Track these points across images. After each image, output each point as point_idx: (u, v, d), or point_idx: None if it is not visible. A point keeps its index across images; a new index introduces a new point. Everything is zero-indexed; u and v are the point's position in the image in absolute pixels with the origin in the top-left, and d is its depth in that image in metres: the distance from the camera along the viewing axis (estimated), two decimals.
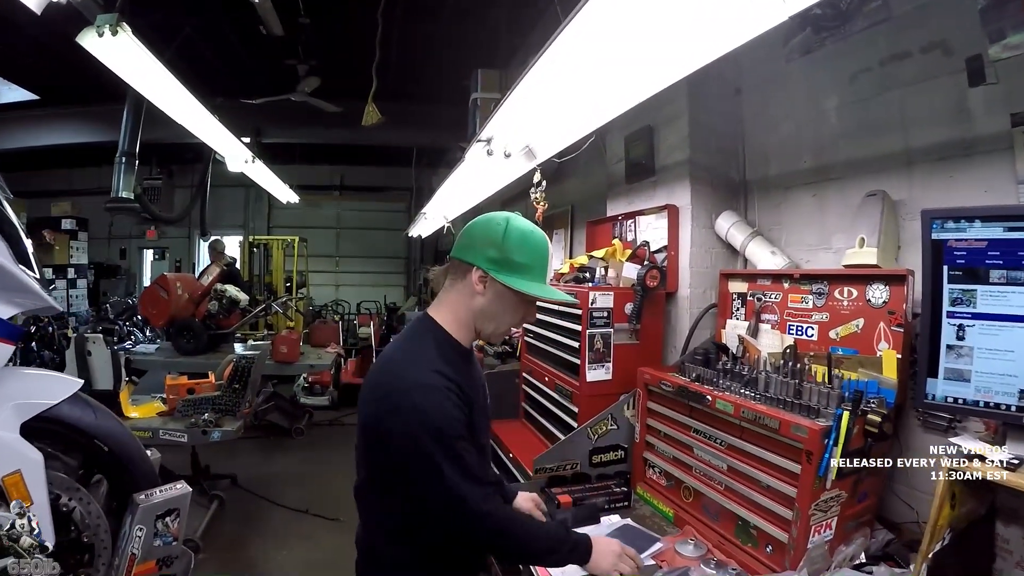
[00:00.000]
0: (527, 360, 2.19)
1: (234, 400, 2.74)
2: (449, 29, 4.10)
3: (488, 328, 0.96)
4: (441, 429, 0.83)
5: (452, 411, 0.85)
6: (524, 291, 0.89)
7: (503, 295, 0.92)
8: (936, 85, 1.31)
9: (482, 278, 0.92)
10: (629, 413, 1.65)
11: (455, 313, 0.96)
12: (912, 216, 1.40)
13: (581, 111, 1.45)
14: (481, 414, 0.97)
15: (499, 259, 0.90)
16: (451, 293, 0.96)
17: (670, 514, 1.48)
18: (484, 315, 0.94)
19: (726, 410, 1.27)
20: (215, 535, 2.89)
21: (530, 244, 0.92)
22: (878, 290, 1.34)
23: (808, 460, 1.07)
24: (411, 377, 0.86)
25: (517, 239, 0.91)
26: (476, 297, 0.93)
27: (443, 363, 0.89)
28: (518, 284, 0.89)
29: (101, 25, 1.77)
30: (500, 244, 0.90)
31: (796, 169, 1.73)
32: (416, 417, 0.83)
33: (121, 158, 3.95)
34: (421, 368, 0.87)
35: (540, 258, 0.93)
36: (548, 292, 0.94)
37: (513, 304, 0.93)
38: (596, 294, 1.71)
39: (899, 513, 1.30)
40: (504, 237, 0.91)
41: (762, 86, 1.86)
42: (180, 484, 1.36)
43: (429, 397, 0.84)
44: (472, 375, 0.99)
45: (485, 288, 0.92)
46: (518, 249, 0.91)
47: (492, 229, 0.92)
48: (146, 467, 1.43)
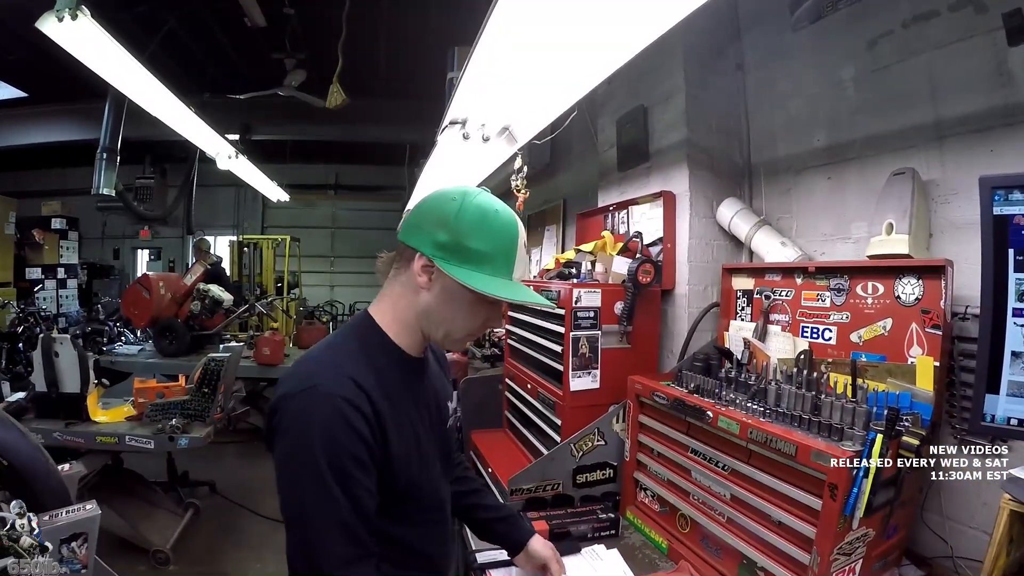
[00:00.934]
0: (510, 365, 2.00)
1: (203, 405, 2.58)
2: (439, 20, 3.94)
3: (437, 333, 0.74)
4: (317, 448, 0.61)
5: (343, 431, 0.62)
6: (476, 288, 0.67)
7: (453, 291, 0.70)
8: (969, 47, 1.16)
9: (426, 268, 0.70)
10: (618, 427, 1.45)
11: (396, 312, 0.75)
12: (944, 198, 1.22)
13: (560, 80, 1.27)
14: (416, 441, 0.73)
15: (449, 244, 0.68)
16: (394, 286, 0.76)
17: (664, 545, 1.28)
18: (430, 316, 0.73)
19: (730, 429, 1.07)
20: (188, 546, 2.75)
21: (491, 226, 0.69)
22: (909, 285, 1.14)
23: (832, 495, 0.87)
24: (312, 378, 0.65)
25: (474, 219, 0.69)
26: (421, 292, 0.72)
27: (365, 370, 0.68)
28: (469, 278, 0.67)
29: (60, 9, 1.70)
30: (451, 225, 0.68)
31: (808, 149, 1.54)
32: (295, 426, 0.63)
33: (102, 154, 3.83)
34: (329, 370, 0.67)
35: (504, 245, 0.70)
36: (510, 290, 0.69)
37: (468, 304, 0.71)
38: (581, 291, 1.51)
39: (930, 547, 1.14)
40: (457, 216, 0.68)
41: (767, 59, 1.70)
42: (90, 504, 1.20)
43: (319, 406, 0.63)
44: (418, 391, 0.77)
45: (431, 281, 0.71)
46: (474, 232, 0.68)
47: (443, 205, 0.70)
48: (53, 483, 1.27)
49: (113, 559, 2.46)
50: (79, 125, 5.22)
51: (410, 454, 0.71)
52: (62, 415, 2.52)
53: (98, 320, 5.34)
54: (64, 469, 1.39)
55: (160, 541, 2.55)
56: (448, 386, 0.90)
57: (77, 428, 2.46)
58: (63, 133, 5.30)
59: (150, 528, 2.65)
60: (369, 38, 4.23)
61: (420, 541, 0.76)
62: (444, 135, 1.73)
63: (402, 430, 0.70)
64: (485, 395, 2.12)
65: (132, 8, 3.77)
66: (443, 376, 0.89)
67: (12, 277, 5.71)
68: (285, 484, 0.64)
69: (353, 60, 3.62)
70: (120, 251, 7.69)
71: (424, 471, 0.75)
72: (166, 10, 3.89)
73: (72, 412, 2.53)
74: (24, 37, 3.89)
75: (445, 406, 0.85)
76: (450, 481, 0.92)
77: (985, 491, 1.06)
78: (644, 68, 1.83)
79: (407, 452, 0.71)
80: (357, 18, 3.45)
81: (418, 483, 0.73)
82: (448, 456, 0.86)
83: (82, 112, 5.07)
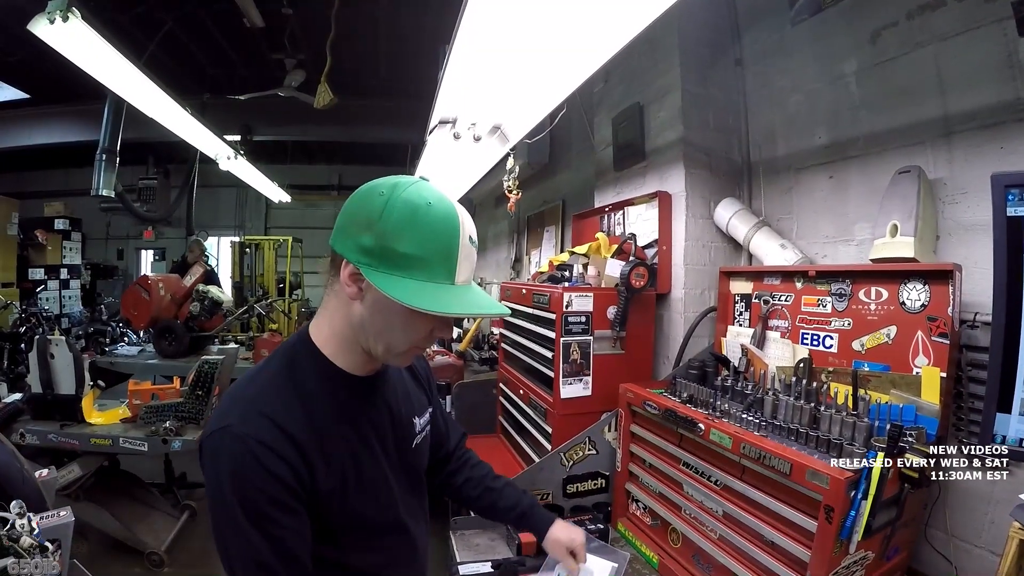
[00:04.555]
0: (504, 369, 1.95)
1: (197, 407, 2.56)
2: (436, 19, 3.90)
3: (377, 347, 0.65)
4: (229, 492, 0.58)
5: (255, 474, 0.58)
6: (403, 301, 0.57)
7: (386, 302, 0.60)
8: (977, 37, 1.11)
9: (354, 276, 0.61)
10: (610, 436, 1.40)
11: (332, 327, 0.67)
12: (952, 198, 1.17)
13: (547, 77, 1.22)
14: (356, 469, 0.67)
15: (375, 248, 0.59)
16: (330, 297, 0.67)
17: (655, 560, 1.23)
18: (366, 329, 0.64)
19: (723, 443, 1.01)
20: (183, 548, 2.73)
21: (423, 224, 0.59)
22: (915, 290, 1.08)
23: (828, 518, 0.81)
24: (224, 418, 0.61)
25: (401, 217, 0.58)
26: (353, 304, 0.64)
27: (287, 402, 0.62)
28: (397, 288, 0.58)
29: (52, 11, 1.71)
30: (377, 226, 0.58)
31: (808, 147, 1.48)
32: (209, 470, 0.60)
33: (101, 155, 3.83)
34: (243, 407, 0.62)
35: (441, 245, 0.60)
36: (447, 300, 0.59)
37: (403, 316, 0.61)
38: (571, 296, 1.46)
39: (934, 566, 1.08)
40: (382, 215, 0.58)
41: (766, 55, 1.64)
42: (64, 511, 1.18)
43: (229, 448, 0.59)
44: (361, 413, 0.70)
45: (361, 291, 0.62)
46: (403, 232, 0.58)
47: (369, 203, 0.60)
48: (28, 490, 1.25)
49: (107, 561, 2.47)
50: (80, 126, 5.25)
51: (346, 485, 0.65)
52: (57, 417, 2.52)
53: (101, 321, 5.36)
54: (41, 475, 1.37)
55: (155, 543, 2.53)
56: (420, 399, 0.83)
57: (72, 430, 2.46)
58: (65, 134, 5.34)
59: (145, 530, 2.64)
60: (369, 38, 4.20)
61: (383, 567, 0.71)
62: (433, 135, 1.68)
63: (333, 462, 0.64)
64: (479, 400, 2.08)
65: (130, 9, 3.77)
66: (412, 391, 0.82)
67: (15, 278, 5.75)
68: (212, 523, 0.60)
69: (354, 60, 3.59)
70: (124, 251, 7.74)
71: (368, 499, 0.68)
72: (164, 11, 3.89)
73: (67, 414, 2.53)
74: (25, 38, 3.89)
75: (410, 422, 0.77)
76: (459, 479, 0.91)
77: (992, 509, 1.02)
78: (640, 64, 1.77)
79: (342, 484, 0.65)
80: (356, 17, 3.42)
81: (361, 512, 0.67)
82: (415, 474, 0.79)
83: (83, 113, 5.10)
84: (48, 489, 1.35)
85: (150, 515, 2.80)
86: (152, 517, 2.78)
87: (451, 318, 0.65)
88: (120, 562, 2.48)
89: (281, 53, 4.30)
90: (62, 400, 2.57)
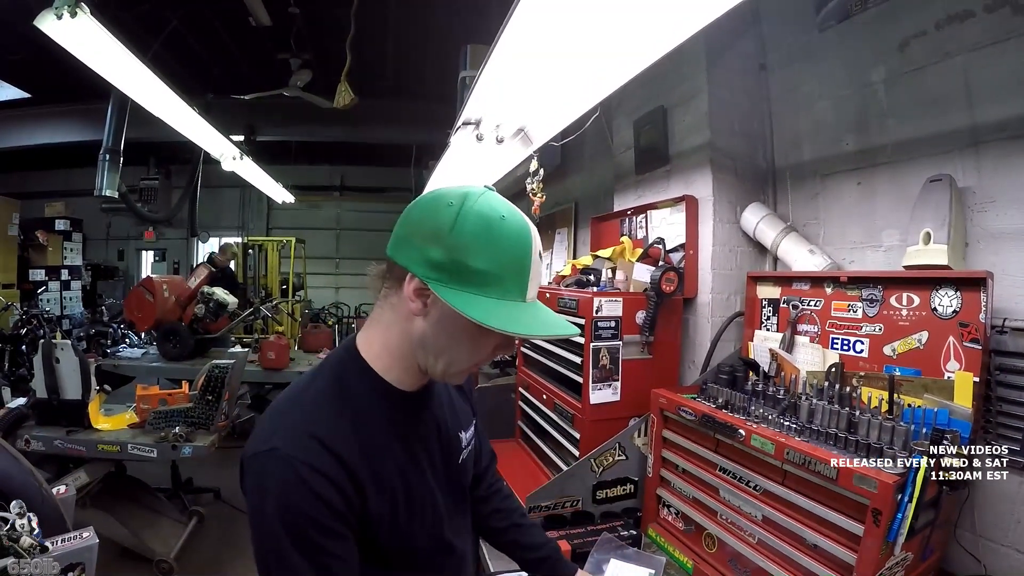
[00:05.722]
0: (523, 374, 1.95)
1: (207, 412, 2.54)
2: (447, 19, 3.90)
3: (436, 366, 0.62)
4: (275, 517, 0.55)
5: (304, 499, 0.55)
6: (482, 322, 0.54)
7: (454, 320, 0.57)
8: (1006, 48, 1.12)
9: (420, 292, 0.58)
10: (640, 442, 1.40)
11: (387, 341, 0.64)
12: (981, 206, 1.19)
13: (579, 80, 1.22)
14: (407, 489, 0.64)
15: (446, 263, 0.56)
16: (384, 310, 0.64)
17: (689, 565, 1.23)
18: (427, 347, 0.61)
19: (765, 449, 1.02)
20: (192, 555, 2.71)
21: (498, 239, 0.56)
22: (947, 297, 1.10)
23: (876, 521, 0.82)
24: (271, 439, 0.58)
25: (475, 231, 0.55)
26: (415, 320, 0.60)
27: (336, 422, 0.59)
28: (473, 306, 0.54)
29: (60, 7, 1.66)
30: (447, 239, 0.55)
31: (836, 153, 1.49)
32: (254, 493, 0.57)
33: (105, 155, 3.79)
34: (290, 427, 0.59)
35: (516, 261, 0.57)
36: (526, 321, 0.56)
37: (471, 334, 0.58)
38: (602, 300, 1.46)
39: (964, 566, 1.10)
40: (454, 228, 0.55)
41: (791, 60, 1.65)
42: (88, 532, 1.14)
43: (276, 471, 0.56)
44: (411, 430, 0.67)
45: (427, 307, 0.59)
46: (477, 247, 0.55)
47: (438, 213, 0.57)
48: (47, 510, 1.20)
49: (116, 570, 2.44)
50: (82, 126, 5.19)
51: (396, 507, 0.63)
52: (63, 422, 2.47)
53: (102, 322, 5.30)
54: (59, 492, 1.33)
55: (164, 550, 2.50)
56: (465, 412, 0.80)
57: (78, 436, 2.41)
58: (66, 134, 5.27)
59: (153, 537, 2.60)
60: (377, 38, 4.19)
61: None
62: (457, 136, 1.68)
63: (383, 484, 0.62)
64: (496, 404, 2.07)
65: (134, 8, 3.73)
66: (458, 403, 0.79)
67: (16, 279, 5.68)
68: (254, 547, 0.58)
69: (360, 60, 3.57)
70: (125, 252, 7.67)
71: (415, 520, 0.66)
72: (169, 10, 3.86)
73: (73, 419, 2.48)
74: (26, 37, 3.85)
75: (456, 437, 0.74)
76: (486, 509, 0.88)
77: (1019, 509, 1.04)
78: (663, 68, 1.76)
79: (391, 506, 0.63)
80: (364, 17, 3.41)
81: (408, 533, 0.65)
82: (460, 491, 0.77)
83: (85, 113, 5.05)
84: (67, 507, 1.30)
85: (158, 521, 2.77)
86: (160, 523, 2.75)
87: (515, 337, 0.61)
88: (128, 571, 2.44)
89: (287, 53, 4.27)
90: (68, 405, 2.51)
